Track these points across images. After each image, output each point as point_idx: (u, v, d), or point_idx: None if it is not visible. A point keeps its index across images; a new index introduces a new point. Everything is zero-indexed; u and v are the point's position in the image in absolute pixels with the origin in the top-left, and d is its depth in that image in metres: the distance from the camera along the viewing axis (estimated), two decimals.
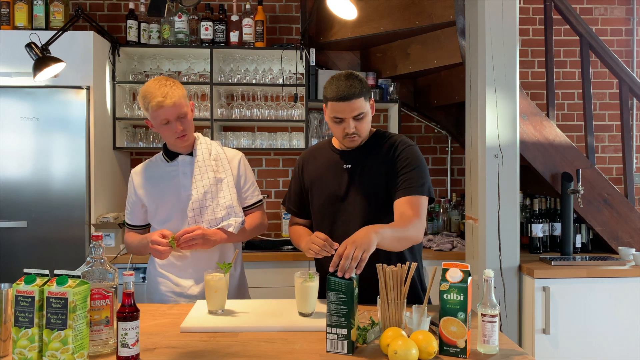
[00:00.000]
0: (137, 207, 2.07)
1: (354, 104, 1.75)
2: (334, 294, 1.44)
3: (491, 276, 1.50)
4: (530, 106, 2.99)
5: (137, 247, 2.05)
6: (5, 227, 2.99)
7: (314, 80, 3.45)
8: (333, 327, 1.45)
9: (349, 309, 1.43)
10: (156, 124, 1.93)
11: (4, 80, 3.06)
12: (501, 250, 2.68)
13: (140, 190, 2.05)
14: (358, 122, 1.80)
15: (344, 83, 1.75)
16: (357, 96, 1.75)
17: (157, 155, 2.11)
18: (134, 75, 3.48)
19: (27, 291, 1.34)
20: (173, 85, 1.91)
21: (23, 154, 3.01)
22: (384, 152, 1.88)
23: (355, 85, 1.75)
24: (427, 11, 3.14)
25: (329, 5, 3.08)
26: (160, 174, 2.04)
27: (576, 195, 2.92)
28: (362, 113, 1.78)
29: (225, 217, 1.99)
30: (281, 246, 3.42)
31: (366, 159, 1.89)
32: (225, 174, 2.03)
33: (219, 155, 2.06)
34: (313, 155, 2.02)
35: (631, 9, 3.95)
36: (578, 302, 2.62)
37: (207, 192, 1.99)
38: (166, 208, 2.01)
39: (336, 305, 1.44)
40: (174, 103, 1.88)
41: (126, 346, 1.36)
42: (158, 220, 2.04)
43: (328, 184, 1.92)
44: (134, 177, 2.08)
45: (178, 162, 2.02)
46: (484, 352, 1.47)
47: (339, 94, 1.74)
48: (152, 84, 1.91)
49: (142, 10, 3.44)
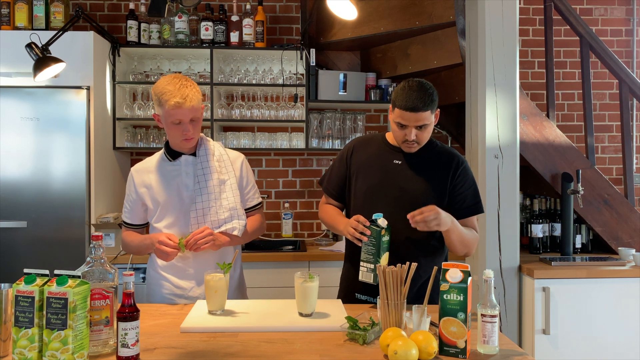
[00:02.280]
0: (137, 205, 2.04)
1: (420, 115, 1.81)
2: (370, 236, 1.78)
3: (491, 276, 1.50)
4: (530, 106, 2.99)
5: (138, 247, 2.03)
6: (5, 227, 2.99)
7: (314, 80, 3.45)
8: (364, 262, 1.81)
9: (376, 250, 1.78)
10: (167, 122, 1.90)
11: (4, 80, 3.06)
12: (501, 250, 2.68)
13: (141, 188, 2.01)
14: (419, 132, 1.86)
15: (415, 94, 1.80)
16: (424, 109, 1.80)
17: (158, 153, 2.07)
18: (134, 75, 3.48)
19: (27, 291, 1.34)
20: (193, 88, 1.89)
21: (23, 154, 3.01)
22: (442, 161, 1.95)
23: (426, 98, 1.80)
24: (427, 11, 3.14)
25: (329, 5, 3.08)
26: (162, 172, 2.01)
27: (576, 196, 2.92)
28: (426, 124, 1.85)
29: (228, 219, 1.98)
30: (281, 246, 3.42)
31: (420, 160, 1.95)
32: (228, 176, 2.02)
33: (221, 156, 2.04)
34: (365, 144, 2.05)
35: (631, 9, 3.95)
36: (578, 303, 2.62)
37: (211, 193, 1.97)
38: (167, 207, 1.99)
39: (367, 245, 1.80)
40: (193, 107, 1.87)
41: (126, 346, 1.36)
42: (158, 220, 2.01)
43: (375, 173, 1.97)
44: (134, 175, 2.03)
45: (181, 161, 2.00)
46: (484, 353, 1.47)
47: (408, 104, 1.80)
48: (171, 81, 1.88)
49: (143, 11, 3.44)
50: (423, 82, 1.85)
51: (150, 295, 2.11)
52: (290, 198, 3.76)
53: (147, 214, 2.06)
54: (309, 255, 3.14)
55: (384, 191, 1.94)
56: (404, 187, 1.92)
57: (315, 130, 3.56)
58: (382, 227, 1.79)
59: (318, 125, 3.57)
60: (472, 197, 1.94)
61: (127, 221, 2.08)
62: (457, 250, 1.94)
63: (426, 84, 1.85)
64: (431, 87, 1.85)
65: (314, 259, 3.10)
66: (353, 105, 3.64)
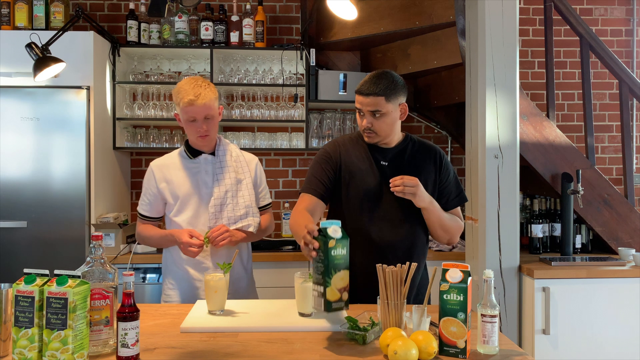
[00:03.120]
0: (157, 200, 2.13)
1: (373, 99, 1.81)
2: (318, 250, 1.47)
3: (491, 276, 1.50)
4: (530, 106, 2.99)
5: (158, 241, 2.14)
6: (5, 227, 2.99)
7: (314, 80, 3.45)
8: (314, 285, 1.49)
9: (325, 267, 1.44)
10: (183, 119, 2.05)
11: (4, 80, 3.06)
12: (501, 250, 2.68)
13: (161, 183, 2.10)
14: (375, 120, 1.85)
15: (373, 80, 1.82)
16: (378, 94, 1.81)
17: (177, 151, 2.17)
18: (134, 75, 3.48)
19: (27, 291, 1.34)
20: (207, 87, 2.02)
21: (23, 154, 3.01)
22: (425, 158, 1.96)
23: (382, 84, 1.81)
24: (427, 11, 3.14)
25: (329, 5, 3.08)
26: (183, 169, 2.11)
27: (576, 196, 2.92)
28: (379, 112, 1.83)
29: (243, 216, 2.09)
30: (281, 246, 3.42)
31: (402, 159, 1.95)
32: (244, 175, 2.14)
33: (238, 157, 2.17)
34: (348, 145, 1.99)
35: (631, 9, 3.95)
36: (578, 303, 2.62)
37: (228, 190, 2.09)
38: (186, 202, 2.09)
39: (316, 262, 1.47)
40: (204, 104, 2.00)
41: (126, 346, 1.36)
42: (177, 214, 2.09)
43: (367, 177, 1.93)
44: (155, 171, 2.12)
45: (200, 160, 2.11)
46: (484, 353, 1.47)
47: (363, 87, 1.83)
48: (188, 82, 2.02)
49: (143, 11, 3.44)
50: (389, 72, 1.85)
51: (169, 297, 2.15)
52: (290, 198, 3.76)
53: (165, 208, 2.15)
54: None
55: (376, 197, 1.91)
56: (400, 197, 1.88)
57: (315, 130, 3.56)
58: (331, 237, 1.45)
59: (318, 125, 3.58)
60: (456, 189, 1.99)
61: (146, 214, 2.16)
62: (438, 234, 1.94)
63: (391, 74, 1.84)
64: (395, 78, 1.83)
65: None
66: (353, 105, 3.62)
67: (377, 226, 1.91)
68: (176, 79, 3.54)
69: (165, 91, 3.53)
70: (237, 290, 2.13)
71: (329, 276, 1.44)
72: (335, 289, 1.45)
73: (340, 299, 1.47)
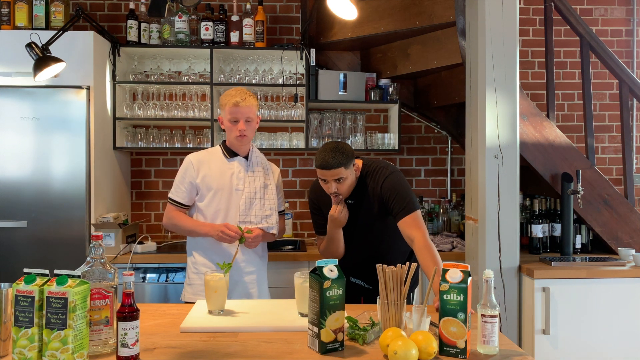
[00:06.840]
0: (193, 190, 2.34)
1: (333, 171, 2.11)
2: (311, 290, 1.48)
3: (491, 277, 1.50)
4: (530, 107, 2.99)
5: (190, 230, 2.33)
6: (5, 227, 2.99)
7: (314, 80, 3.45)
8: (310, 324, 1.50)
9: (319, 307, 1.44)
10: (226, 120, 2.31)
11: (4, 80, 3.06)
12: (501, 250, 2.68)
13: (200, 176, 2.32)
14: (339, 184, 2.15)
15: (327, 154, 2.11)
16: (336, 166, 2.10)
17: (216, 149, 2.41)
18: (134, 75, 3.48)
19: (27, 291, 1.34)
20: (251, 96, 2.32)
21: (23, 154, 3.01)
22: (371, 189, 2.24)
23: (336, 157, 2.10)
24: (427, 11, 3.14)
25: (329, 5, 3.08)
26: (220, 167, 2.35)
27: (576, 196, 2.92)
28: (342, 178, 2.13)
29: (268, 216, 2.34)
30: (281, 246, 3.42)
31: (363, 195, 2.25)
32: (270, 181, 2.41)
33: (266, 164, 2.45)
34: (321, 193, 2.29)
35: (631, 9, 3.95)
36: (578, 303, 2.62)
37: (257, 192, 2.35)
38: (218, 196, 2.31)
39: (311, 302, 1.48)
40: (248, 106, 2.29)
41: (126, 346, 1.36)
42: (207, 205, 2.32)
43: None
44: (194, 164, 2.34)
45: (235, 161, 2.36)
46: (484, 353, 1.47)
47: (322, 163, 2.11)
48: (235, 89, 2.34)
49: (143, 10, 3.44)
50: (339, 143, 2.16)
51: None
52: (290, 198, 3.76)
53: (196, 198, 2.36)
54: (309, 255, 3.14)
55: (357, 232, 2.28)
56: (363, 220, 2.26)
57: (315, 130, 3.56)
58: (327, 277, 1.44)
59: (318, 125, 3.58)
60: (400, 203, 2.14)
61: (180, 201, 2.35)
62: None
63: (340, 145, 2.14)
64: (343, 147, 2.13)
65: (314, 259, 3.10)
66: (353, 105, 3.64)
67: (358, 253, 2.31)
68: (176, 78, 3.54)
69: (165, 91, 3.53)
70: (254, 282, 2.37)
71: (323, 317, 1.45)
72: (329, 330, 1.46)
73: (335, 339, 1.47)
